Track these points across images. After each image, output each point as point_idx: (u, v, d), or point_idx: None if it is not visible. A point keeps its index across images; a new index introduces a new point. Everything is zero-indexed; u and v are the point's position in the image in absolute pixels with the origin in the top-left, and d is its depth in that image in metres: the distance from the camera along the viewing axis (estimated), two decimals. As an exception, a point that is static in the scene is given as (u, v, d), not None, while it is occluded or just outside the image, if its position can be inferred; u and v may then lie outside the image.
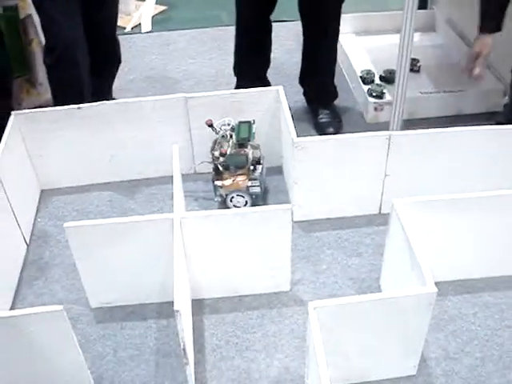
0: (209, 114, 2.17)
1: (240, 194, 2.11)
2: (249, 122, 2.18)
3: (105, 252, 1.73)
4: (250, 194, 2.11)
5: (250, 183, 2.10)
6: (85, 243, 1.70)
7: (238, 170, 2.09)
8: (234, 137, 2.14)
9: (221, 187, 2.09)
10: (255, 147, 2.16)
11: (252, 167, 2.11)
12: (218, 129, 2.15)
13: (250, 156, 2.10)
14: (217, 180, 2.10)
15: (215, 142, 2.15)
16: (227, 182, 2.09)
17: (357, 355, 1.56)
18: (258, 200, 2.14)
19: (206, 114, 2.18)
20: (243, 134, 2.13)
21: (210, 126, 2.13)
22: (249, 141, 2.13)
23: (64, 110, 2.15)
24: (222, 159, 2.09)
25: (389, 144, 1.96)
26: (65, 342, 1.50)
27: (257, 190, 2.11)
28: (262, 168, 2.14)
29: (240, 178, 2.09)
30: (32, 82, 2.64)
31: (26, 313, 1.45)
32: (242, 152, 2.10)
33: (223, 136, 2.13)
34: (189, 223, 1.69)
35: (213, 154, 2.12)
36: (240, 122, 2.18)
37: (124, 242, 1.71)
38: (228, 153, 2.09)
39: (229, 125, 2.16)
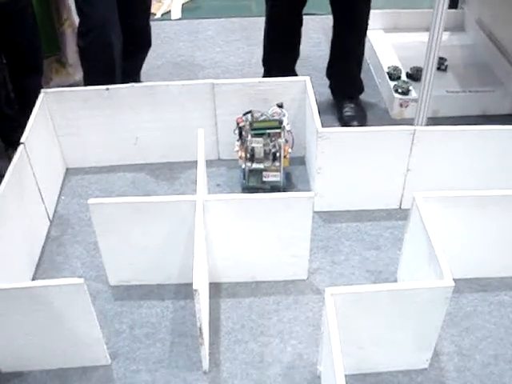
0: (235, 102, 2.20)
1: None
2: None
3: (126, 230, 1.76)
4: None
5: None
6: (107, 220, 1.73)
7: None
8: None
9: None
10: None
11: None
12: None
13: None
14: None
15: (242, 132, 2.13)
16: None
17: (370, 345, 1.58)
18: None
19: (232, 101, 2.20)
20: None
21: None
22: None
23: (93, 91, 2.17)
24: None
25: (413, 139, 1.97)
26: (84, 315, 1.54)
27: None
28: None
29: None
30: (62, 62, 2.67)
31: (47, 284, 1.48)
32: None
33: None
34: (211, 206, 1.70)
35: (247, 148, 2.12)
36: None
37: (146, 221, 1.74)
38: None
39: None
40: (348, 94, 2.63)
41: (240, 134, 2.13)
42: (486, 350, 1.72)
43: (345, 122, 2.53)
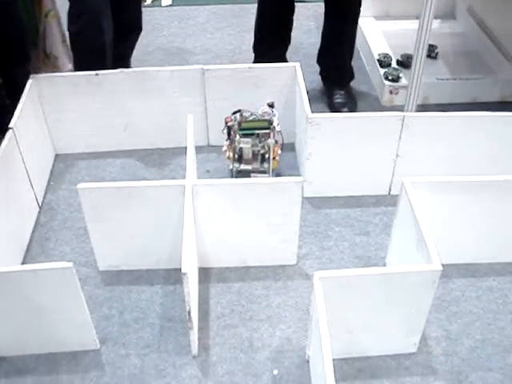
0: (225, 87, 2.19)
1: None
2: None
3: (116, 215, 1.75)
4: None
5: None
6: (97, 205, 1.73)
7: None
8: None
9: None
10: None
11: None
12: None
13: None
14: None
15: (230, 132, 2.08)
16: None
17: (359, 329, 1.58)
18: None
19: (222, 87, 2.19)
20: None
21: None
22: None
23: (82, 76, 2.17)
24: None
25: (402, 125, 1.97)
26: (73, 300, 1.54)
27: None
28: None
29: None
30: (47, 54, 2.63)
31: (36, 268, 1.47)
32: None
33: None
34: (200, 190, 1.70)
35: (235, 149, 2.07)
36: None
37: (135, 206, 1.73)
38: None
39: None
40: (339, 80, 2.62)
41: (228, 134, 2.07)
42: (474, 334, 1.73)
43: (335, 109, 2.53)
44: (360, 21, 2.58)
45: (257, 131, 2.05)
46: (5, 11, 2.16)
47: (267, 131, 2.05)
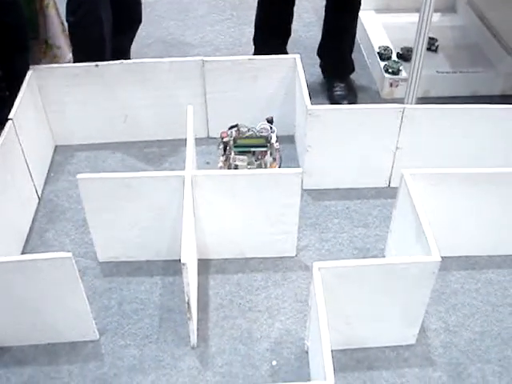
0: (224, 79, 2.19)
1: None
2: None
3: (115, 206, 1.75)
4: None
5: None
6: (96, 196, 1.72)
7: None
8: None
9: None
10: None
11: None
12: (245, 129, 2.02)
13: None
14: None
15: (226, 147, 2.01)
16: None
17: (358, 320, 1.59)
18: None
19: (221, 79, 2.19)
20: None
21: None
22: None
23: (82, 67, 2.16)
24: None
25: (402, 117, 1.97)
26: (72, 290, 1.54)
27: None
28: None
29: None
30: (49, 44, 2.63)
31: (35, 258, 1.48)
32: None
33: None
34: (200, 181, 1.70)
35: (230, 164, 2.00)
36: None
37: (135, 197, 1.73)
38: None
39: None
40: (339, 73, 2.62)
41: (224, 149, 2.00)
42: (473, 326, 1.73)
43: (335, 101, 2.52)
44: (360, 14, 2.58)
45: (253, 149, 1.99)
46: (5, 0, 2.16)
47: (264, 149, 1.99)
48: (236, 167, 2.00)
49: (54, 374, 1.61)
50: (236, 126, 2.02)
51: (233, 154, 1.99)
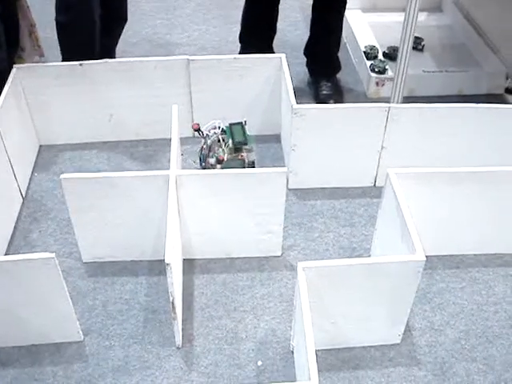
0: (210, 78, 2.18)
1: None
2: (240, 124, 2.02)
3: (100, 206, 1.74)
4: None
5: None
6: (80, 196, 1.71)
7: None
8: (225, 141, 1.97)
9: None
10: (249, 150, 2.02)
11: None
12: (206, 132, 1.98)
13: (246, 160, 1.98)
14: None
15: (206, 147, 1.96)
16: None
17: (343, 319, 1.58)
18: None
19: (207, 78, 2.18)
20: (238, 137, 1.98)
21: (197, 130, 1.97)
22: (245, 144, 1.98)
23: (66, 66, 2.15)
24: (219, 166, 1.92)
25: (387, 116, 1.97)
26: (55, 291, 1.52)
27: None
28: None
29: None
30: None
31: (17, 258, 1.46)
32: (239, 157, 1.97)
33: (218, 140, 1.98)
34: (184, 181, 1.70)
35: (207, 162, 1.95)
36: (231, 125, 2.01)
37: (119, 196, 1.72)
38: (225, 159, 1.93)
39: (219, 128, 1.98)
40: (325, 72, 2.62)
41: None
42: (458, 325, 1.74)
43: (321, 101, 2.52)
44: (347, 13, 2.58)
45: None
46: None
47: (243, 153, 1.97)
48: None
49: (37, 376, 1.60)
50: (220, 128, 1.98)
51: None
